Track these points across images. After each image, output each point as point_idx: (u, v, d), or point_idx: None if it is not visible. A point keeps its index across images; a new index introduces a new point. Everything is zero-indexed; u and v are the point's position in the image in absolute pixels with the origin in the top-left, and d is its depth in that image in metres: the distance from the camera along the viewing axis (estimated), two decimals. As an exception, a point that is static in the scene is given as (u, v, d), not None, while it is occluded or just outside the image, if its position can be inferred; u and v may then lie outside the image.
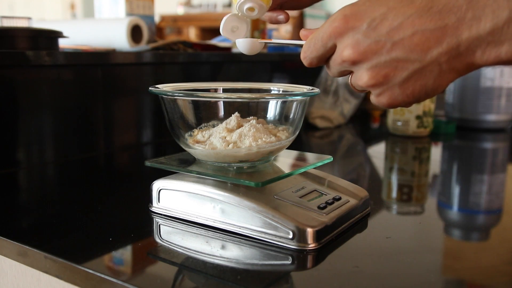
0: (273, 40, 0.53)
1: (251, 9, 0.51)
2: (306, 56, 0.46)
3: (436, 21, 0.39)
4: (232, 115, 0.57)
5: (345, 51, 0.42)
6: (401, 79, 0.41)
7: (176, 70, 1.06)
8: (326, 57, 0.45)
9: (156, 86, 0.58)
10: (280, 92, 0.63)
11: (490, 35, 0.37)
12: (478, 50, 0.38)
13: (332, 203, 0.54)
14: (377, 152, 1.08)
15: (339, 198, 0.56)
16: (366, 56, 0.41)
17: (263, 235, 0.50)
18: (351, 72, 0.45)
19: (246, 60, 1.20)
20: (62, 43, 0.94)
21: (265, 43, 0.53)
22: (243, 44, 0.52)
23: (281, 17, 0.55)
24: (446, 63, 0.40)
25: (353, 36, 0.41)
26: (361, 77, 0.43)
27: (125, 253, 0.50)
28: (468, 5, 0.38)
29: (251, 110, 0.58)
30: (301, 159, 0.63)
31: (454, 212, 0.67)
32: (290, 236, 0.49)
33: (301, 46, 0.47)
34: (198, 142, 0.56)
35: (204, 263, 0.47)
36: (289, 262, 0.47)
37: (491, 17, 0.37)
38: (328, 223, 0.51)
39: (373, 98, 0.44)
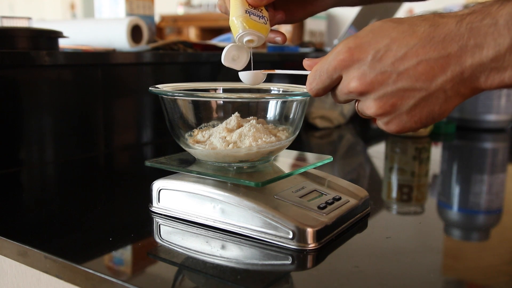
0: (277, 71, 0.54)
1: (250, 40, 0.52)
2: (312, 88, 0.47)
3: (440, 50, 0.40)
4: (232, 115, 0.57)
5: (351, 83, 0.43)
6: (408, 107, 0.42)
7: (176, 70, 1.06)
8: (331, 87, 0.46)
9: (156, 86, 0.58)
10: (280, 92, 0.63)
11: (493, 62, 0.38)
12: (482, 76, 0.40)
13: (332, 203, 0.54)
14: (377, 152, 1.08)
15: (339, 198, 0.56)
16: (373, 87, 0.42)
17: (263, 235, 0.50)
18: (357, 99, 0.46)
19: (246, 60, 1.20)
20: (62, 43, 0.94)
21: (268, 73, 0.54)
22: (246, 77, 0.54)
23: (278, 38, 0.56)
24: (451, 90, 0.41)
25: (359, 68, 0.42)
26: (369, 107, 0.44)
27: (125, 253, 0.50)
28: (469, 33, 0.39)
29: (251, 110, 0.58)
30: (301, 159, 0.63)
31: (454, 212, 0.67)
32: (290, 236, 0.49)
33: (305, 76, 0.48)
34: (198, 142, 0.56)
35: (204, 263, 0.47)
36: (289, 262, 0.47)
37: (493, 44, 0.38)
38: (328, 223, 0.51)
39: (381, 125, 0.45)
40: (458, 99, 0.42)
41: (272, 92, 0.64)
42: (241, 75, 0.54)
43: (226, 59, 0.54)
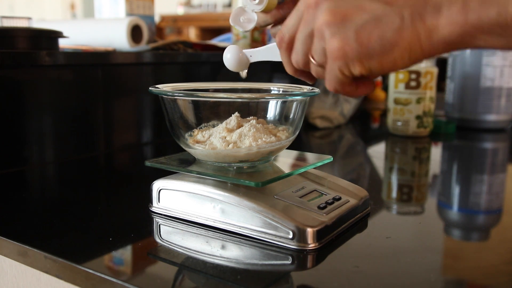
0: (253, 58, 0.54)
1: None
2: (283, 35, 0.45)
3: None
4: (232, 115, 0.57)
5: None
6: (360, 23, 0.39)
7: (176, 70, 1.06)
8: (296, 28, 0.44)
9: (156, 86, 0.58)
10: (280, 92, 0.63)
11: None
12: (444, 7, 0.37)
13: (332, 203, 0.54)
14: (377, 152, 1.09)
15: (339, 198, 0.56)
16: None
17: (263, 235, 0.50)
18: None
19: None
20: (62, 43, 0.94)
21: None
22: (229, 61, 0.54)
23: None
24: (409, 17, 0.38)
25: None
26: (320, 16, 0.41)
27: (125, 253, 0.50)
28: None
29: (251, 110, 0.58)
30: (301, 159, 0.63)
31: (454, 212, 0.67)
32: (290, 236, 0.49)
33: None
34: (198, 142, 0.56)
35: (204, 263, 0.47)
36: (289, 262, 0.47)
37: None
38: (328, 223, 0.51)
39: (326, 44, 0.41)
40: (412, 36, 0.38)
41: (272, 92, 0.64)
42: (225, 59, 0.54)
43: (233, 19, 0.53)
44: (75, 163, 0.85)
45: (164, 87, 0.58)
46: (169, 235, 0.53)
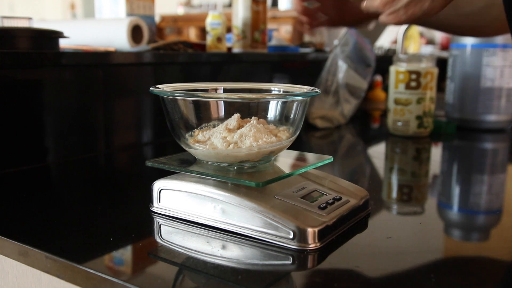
0: None
1: None
2: None
3: None
4: (233, 115, 0.57)
5: None
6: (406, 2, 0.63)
7: (176, 70, 1.06)
8: None
9: (157, 86, 0.58)
10: (281, 92, 0.63)
11: None
12: None
13: (332, 203, 0.54)
14: (377, 152, 1.09)
15: (340, 198, 0.56)
16: None
17: (263, 235, 0.50)
18: None
19: (247, 60, 1.20)
20: (63, 43, 0.94)
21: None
22: None
23: None
24: None
25: None
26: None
27: (125, 253, 0.50)
28: None
29: (252, 110, 0.58)
30: (301, 159, 0.63)
31: (454, 212, 0.67)
32: (291, 236, 0.49)
33: None
34: (198, 142, 0.56)
35: (205, 263, 0.47)
36: (289, 262, 0.47)
37: None
38: (329, 223, 0.51)
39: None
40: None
41: (273, 92, 0.64)
42: None
43: None
44: (75, 163, 0.85)
45: (165, 87, 0.58)
46: (170, 235, 0.53)
